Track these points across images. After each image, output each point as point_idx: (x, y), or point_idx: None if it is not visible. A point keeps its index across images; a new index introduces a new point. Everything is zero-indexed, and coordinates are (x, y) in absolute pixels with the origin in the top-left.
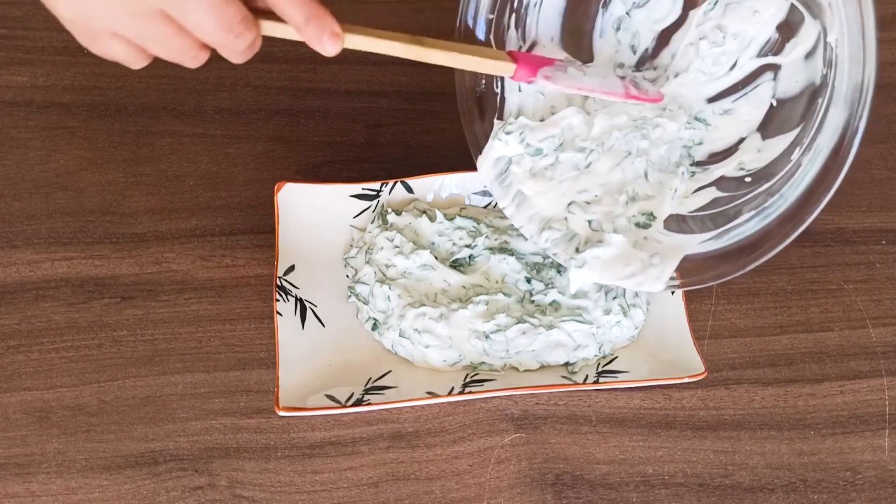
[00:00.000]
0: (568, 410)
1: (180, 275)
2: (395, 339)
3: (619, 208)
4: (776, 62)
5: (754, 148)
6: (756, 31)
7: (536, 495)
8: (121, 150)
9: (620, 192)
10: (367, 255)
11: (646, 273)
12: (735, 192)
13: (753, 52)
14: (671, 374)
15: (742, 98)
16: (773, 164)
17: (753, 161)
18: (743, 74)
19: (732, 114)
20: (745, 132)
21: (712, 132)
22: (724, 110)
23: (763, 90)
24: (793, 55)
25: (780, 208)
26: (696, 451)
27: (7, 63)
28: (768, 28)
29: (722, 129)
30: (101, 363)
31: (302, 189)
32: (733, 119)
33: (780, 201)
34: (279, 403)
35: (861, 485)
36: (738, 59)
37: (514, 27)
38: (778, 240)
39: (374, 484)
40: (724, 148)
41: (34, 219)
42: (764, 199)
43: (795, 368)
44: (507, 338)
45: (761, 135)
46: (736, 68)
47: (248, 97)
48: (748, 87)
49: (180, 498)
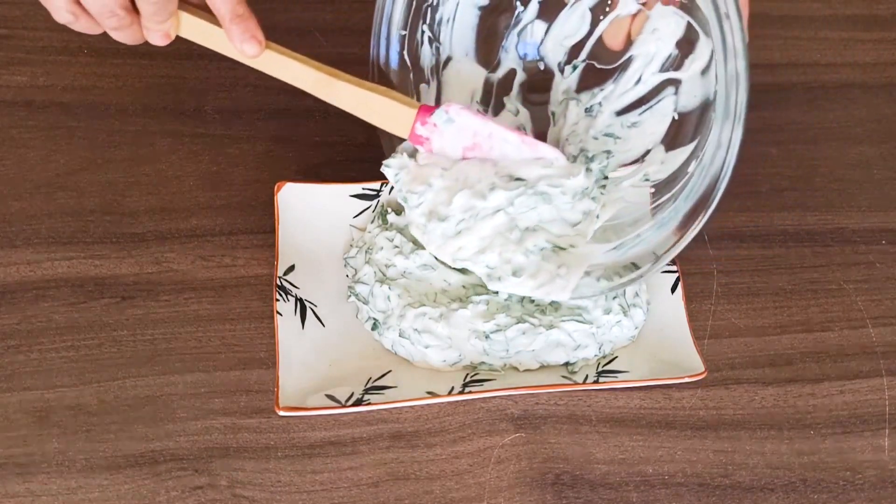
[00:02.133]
0: (568, 410)
1: (180, 275)
2: (395, 339)
3: (510, 247)
4: (677, 77)
5: (658, 160)
6: (657, 47)
7: (536, 495)
8: (121, 150)
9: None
10: (366, 255)
11: (553, 283)
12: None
13: (656, 68)
14: (671, 374)
15: (647, 111)
16: (673, 176)
17: (657, 172)
18: (647, 89)
19: (639, 126)
20: (651, 144)
21: (621, 144)
22: (632, 123)
23: (666, 104)
24: (691, 70)
25: (674, 220)
26: (696, 451)
27: (7, 63)
28: (668, 44)
29: (630, 142)
30: (101, 363)
31: (302, 189)
32: (640, 131)
33: (673, 213)
34: (279, 403)
35: (861, 485)
36: (643, 74)
37: (427, 43)
38: (670, 249)
39: (374, 484)
40: (632, 160)
41: (34, 219)
42: (662, 210)
43: (795, 368)
44: (507, 337)
45: (665, 147)
46: (640, 83)
47: (248, 97)
48: (652, 100)
49: (180, 498)
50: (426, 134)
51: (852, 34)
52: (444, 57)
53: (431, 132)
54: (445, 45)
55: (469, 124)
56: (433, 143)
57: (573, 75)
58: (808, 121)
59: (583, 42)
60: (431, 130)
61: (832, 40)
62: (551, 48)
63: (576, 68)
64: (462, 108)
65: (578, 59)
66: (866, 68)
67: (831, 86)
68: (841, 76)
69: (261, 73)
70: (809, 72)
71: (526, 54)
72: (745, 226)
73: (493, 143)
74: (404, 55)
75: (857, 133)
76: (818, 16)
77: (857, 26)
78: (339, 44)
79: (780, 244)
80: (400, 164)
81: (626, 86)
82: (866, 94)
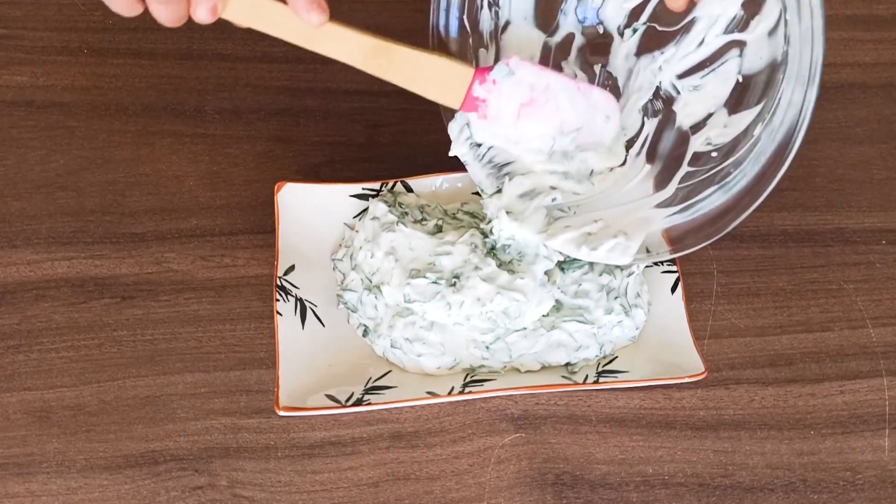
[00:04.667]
0: (568, 410)
1: (180, 275)
2: (387, 347)
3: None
4: (742, 39)
5: (721, 123)
6: (722, 8)
7: (536, 495)
8: (121, 150)
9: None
10: (352, 262)
11: (613, 249)
12: (702, 166)
13: (720, 29)
14: (671, 374)
15: (710, 74)
16: (737, 139)
17: (720, 136)
18: (710, 51)
19: (701, 90)
20: (713, 108)
21: (683, 108)
22: (694, 86)
23: (730, 66)
24: (757, 31)
25: (740, 183)
26: (696, 451)
27: (7, 63)
28: (734, 5)
29: (692, 105)
30: (101, 363)
31: (302, 189)
32: (702, 95)
33: (740, 176)
34: (279, 403)
35: (861, 485)
36: (706, 36)
37: (486, 7)
38: (736, 213)
39: (374, 484)
40: (694, 123)
41: (34, 219)
42: (727, 173)
43: (795, 368)
44: (508, 343)
45: (728, 110)
46: (703, 45)
47: (248, 97)
48: (716, 63)
49: (180, 498)
50: (483, 95)
51: (852, 34)
52: (502, 21)
53: (489, 92)
54: (504, 9)
55: (527, 76)
56: (489, 106)
57: (633, 38)
58: None
59: (644, 4)
60: (489, 90)
61: (832, 40)
62: (611, 11)
63: (636, 31)
64: (521, 59)
65: (639, 21)
66: (866, 68)
67: (831, 86)
68: (841, 76)
69: (261, 73)
70: None
71: (585, 18)
72: (745, 226)
73: (549, 95)
74: (464, 20)
75: (857, 133)
76: None
77: (857, 26)
78: None
79: (780, 244)
80: (463, 120)
81: (687, 48)
82: (866, 94)
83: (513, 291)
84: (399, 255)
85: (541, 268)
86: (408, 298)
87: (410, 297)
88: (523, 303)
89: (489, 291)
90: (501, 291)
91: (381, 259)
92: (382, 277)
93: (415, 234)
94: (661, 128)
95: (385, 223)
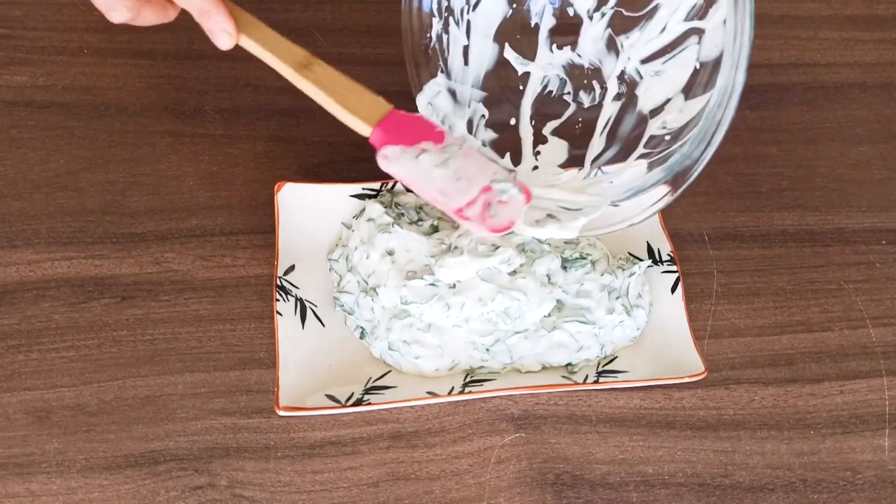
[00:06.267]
0: (568, 410)
1: (180, 275)
2: (384, 350)
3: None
4: (700, 27)
5: (677, 108)
6: None
7: (536, 495)
8: (121, 150)
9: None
10: (348, 263)
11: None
12: (654, 148)
13: (681, 16)
14: (671, 374)
15: (671, 60)
16: (688, 124)
17: (674, 120)
18: (672, 37)
19: (662, 75)
20: (672, 93)
21: (645, 92)
22: (655, 72)
23: (689, 53)
24: (714, 20)
25: (680, 163)
26: (696, 451)
27: (7, 63)
28: None
29: (653, 90)
30: (101, 363)
31: (302, 189)
32: (662, 80)
33: (680, 157)
34: (279, 403)
35: (861, 485)
36: (668, 23)
37: None
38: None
39: (374, 484)
40: (654, 108)
41: (34, 219)
42: (671, 154)
43: (795, 368)
44: (509, 345)
45: (684, 96)
46: (666, 31)
47: (248, 97)
48: (676, 49)
49: (180, 498)
50: (389, 139)
51: (852, 34)
52: (473, 1)
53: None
54: None
55: (402, 170)
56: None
57: (601, 22)
58: (808, 121)
59: None
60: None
61: (832, 40)
62: None
63: (604, 15)
64: (403, 152)
65: (607, 5)
66: (866, 68)
67: (831, 86)
68: (841, 76)
69: (261, 73)
70: (809, 72)
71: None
72: (745, 226)
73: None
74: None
75: (857, 133)
76: (818, 16)
77: (857, 26)
78: (339, 44)
79: (780, 244)
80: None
81: (651, 34)
82: (866, 94)
83: (514, 291)
84: (396, 257)
85: (542, 267)
86: (405, 300)
87: (407, 298)
88: (524, 302)
89: (490, 291)
90: (502, 290)
91: (377, 261)
92: (379, 279)
93: (411, 236)
94: (622, 111)
95: (381, 224)
